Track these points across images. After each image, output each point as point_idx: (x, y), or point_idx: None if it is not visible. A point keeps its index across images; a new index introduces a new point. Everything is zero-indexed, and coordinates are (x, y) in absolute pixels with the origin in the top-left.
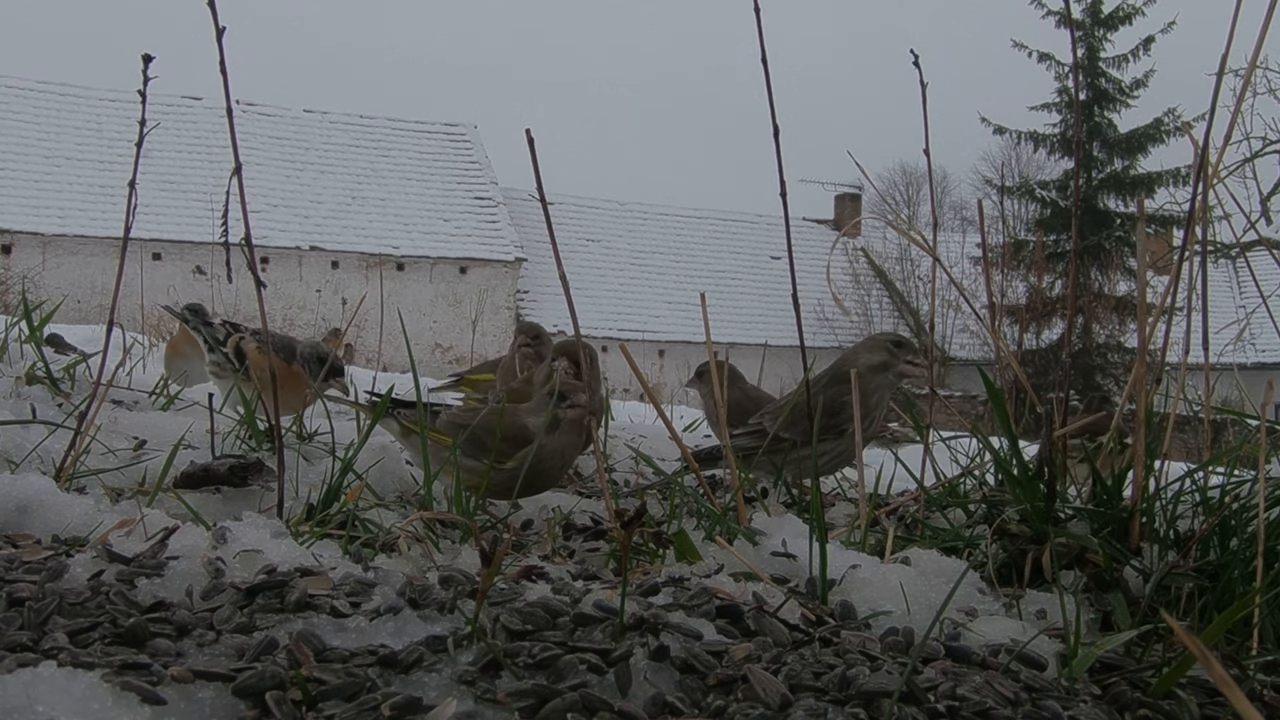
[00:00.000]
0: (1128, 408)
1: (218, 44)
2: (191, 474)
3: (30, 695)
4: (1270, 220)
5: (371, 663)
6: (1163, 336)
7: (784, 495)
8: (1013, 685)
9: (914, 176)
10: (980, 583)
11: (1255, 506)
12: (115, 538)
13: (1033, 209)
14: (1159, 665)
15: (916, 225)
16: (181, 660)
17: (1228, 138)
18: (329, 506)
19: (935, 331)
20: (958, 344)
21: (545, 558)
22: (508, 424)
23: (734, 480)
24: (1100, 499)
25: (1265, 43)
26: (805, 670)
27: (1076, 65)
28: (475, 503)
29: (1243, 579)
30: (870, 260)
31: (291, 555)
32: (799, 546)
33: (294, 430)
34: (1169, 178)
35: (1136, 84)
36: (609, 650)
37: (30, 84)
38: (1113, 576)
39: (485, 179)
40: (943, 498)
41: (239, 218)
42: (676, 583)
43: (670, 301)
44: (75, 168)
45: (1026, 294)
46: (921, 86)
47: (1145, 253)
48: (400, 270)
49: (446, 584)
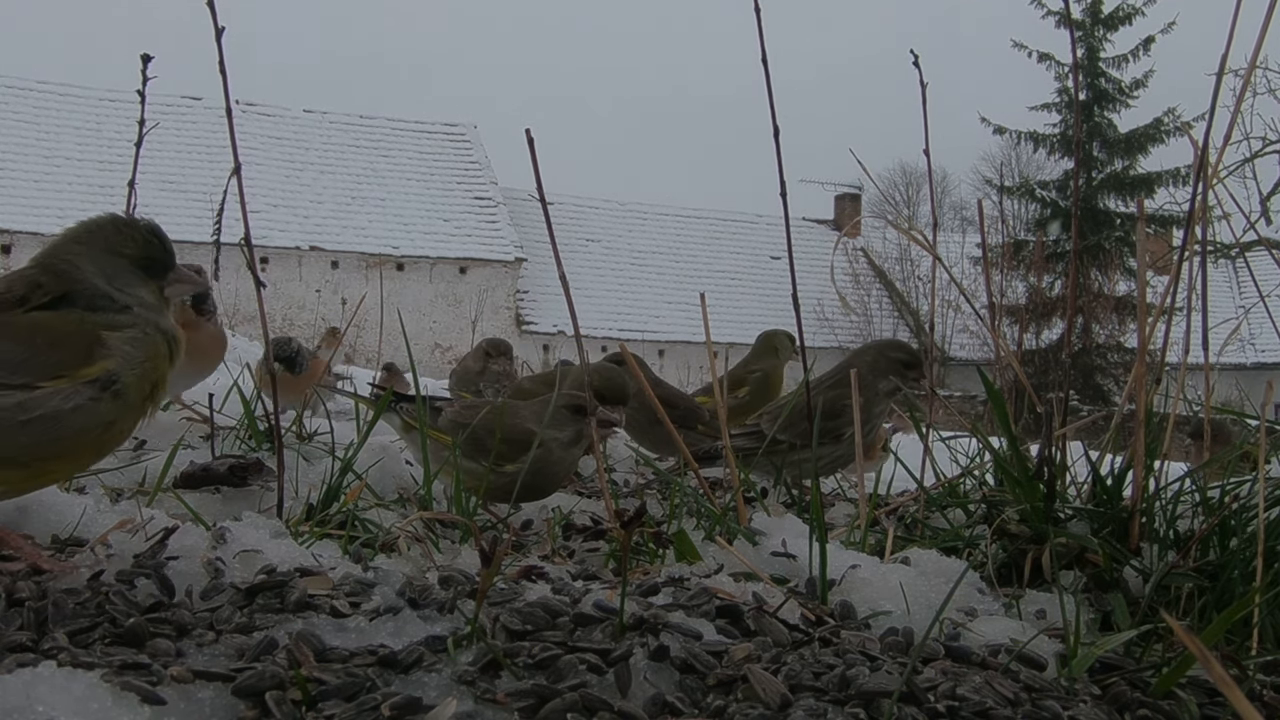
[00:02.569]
0: (1128, 408)
1: (217, 44)
2: (191, 474)
3: (30, 695)
4: (1270, 220)
5: (371, 663)
6: (1163, 336)
7: (784, 495)
8: (1012, 685)
9: (914, 176)
10: (980, 583)
11: (1255, 506)
12: (115, 537)
13: (1033, 209)
14: (1159, 665)
15: (916, 225)
16: (181, 660)
17: (1227, 138)
18: (329, 506)
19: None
20: (958, 344)
21: (545, 558)
22: (509, 425)
23: (734, 480)
24: (1100, 499)
25: (1265, 43)
26: (805, 670)
27: (1076, 65)
28: (475, 503)
29: (1242, 579)
30: (870, 260)
31: (291, 555)
32: (799, 546)
33: (294, 430)
34: (1169, 178)
35: (1136, 84)
36: (609, 650)
37: (30, 84)
38: (1113, 576)
39: (485, 179)
40: (943, 498)
41: (239, 218)
42: (676, 583)
43: (670, 301)
44: (75, 168)
45: (1026, 294)
46: (921, 86)
47: (1145, 253)
48: (400, 270)
49: (446, 584)
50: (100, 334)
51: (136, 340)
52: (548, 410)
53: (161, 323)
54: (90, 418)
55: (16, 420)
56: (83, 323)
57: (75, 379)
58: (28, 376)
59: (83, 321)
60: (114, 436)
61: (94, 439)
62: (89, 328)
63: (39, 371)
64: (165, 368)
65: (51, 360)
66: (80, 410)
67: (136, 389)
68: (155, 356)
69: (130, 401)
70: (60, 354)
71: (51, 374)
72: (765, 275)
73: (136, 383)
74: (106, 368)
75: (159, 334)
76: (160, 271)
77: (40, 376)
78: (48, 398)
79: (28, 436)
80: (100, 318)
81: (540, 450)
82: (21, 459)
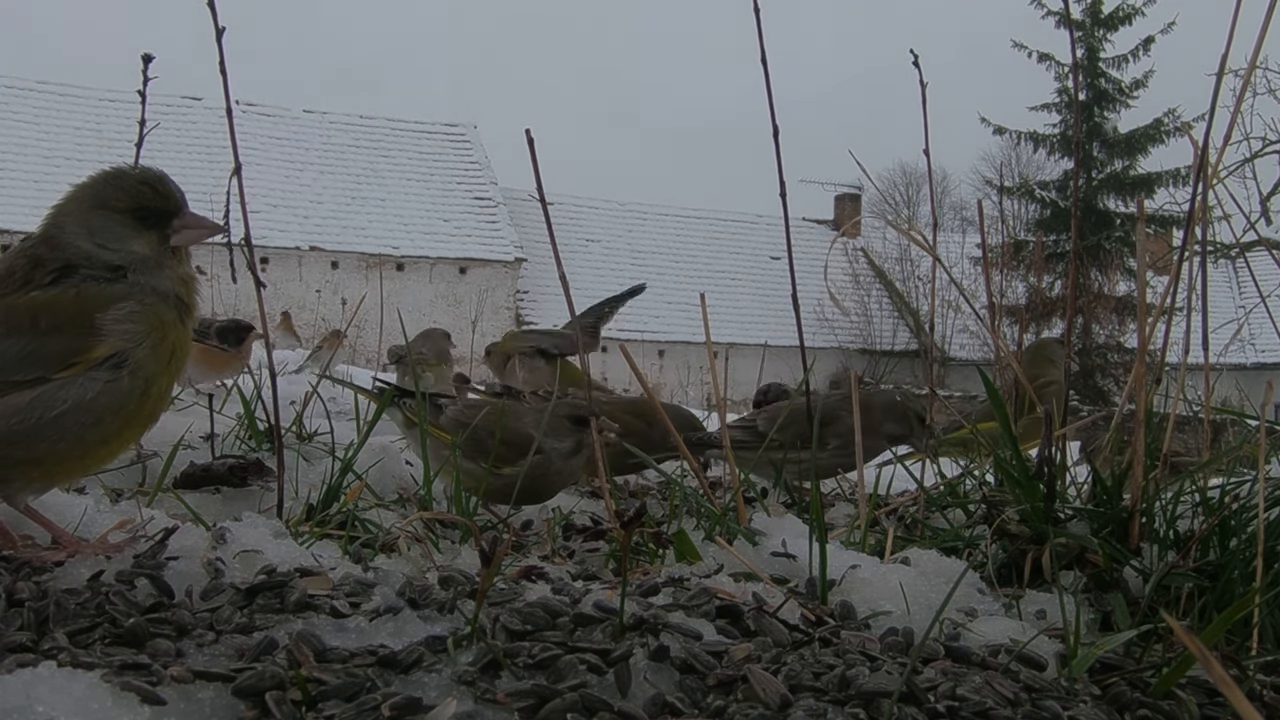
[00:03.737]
0: (1128, 408)
1: (218, 44)
2: (191, 474)
3: (30, 695)
4: (1270, 220)
5: (371, 663)
6: (1163, 336)
7: (784, 495)
8: (1012, 685)
9: (914, 176)
10: (980, 583)
11: (1255, 506)
12: (115, 537)
13: (1033, 209)
14: (1159, 665)
15: (916, 225)
16: (181, 660)
17: (1227, 138)
18: (329, 507)
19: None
20: (958, 344)
21: (545, 558)
22: (509, 427)
23: (734, 480)
24: (1100, 499)
25: (1265, 43)
26: (805, 670)
27: (1076, 65)
28: (475, 503)
29: (1242, 579)
30: (870, 260)
31: (291, 555)
32: (799, 546)
33: (294, 430)
34: (1169, 178)
35: (1136, 84)
36: (609, 650)
37: (30, 84)
38: (1113, 576)
39: (485, 179)
40: (943, 498)
41: (239, 218)
42: (676, 583)
43: (670, 301)
44: (75, 168)
45: (1026, 294)
46: (921, 86)
47: (1145, 253)
48: (400, 270)
49: (446, 584)
50: (93, 317)
51: (135, 314)
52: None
53: (160, 285)
54: (117, 397)
55: (48, 416)
56: (79, 300)
57: (86, 363)
58: (41, 369)
59: (79, 298)
60: (153, 402)
61: (134, 411)
62: (85, 306)
63: (49, 362)
64: (177, 331)
65: (58, 347)
66: (105, 393)
67: (153, 360)
68: (160, 325)
69: (152, 372)
70: (65, 339)
71: (63, 363)
72: (765, 275)
73: (150, 355)
74: (112, 348)
75: (158, 299)
76: (161, 220)
77: (52, 367)
78: (65, 388)
79: (64, 427)
80: (93, 289)
81: (539, 457)
82: (73, 451)
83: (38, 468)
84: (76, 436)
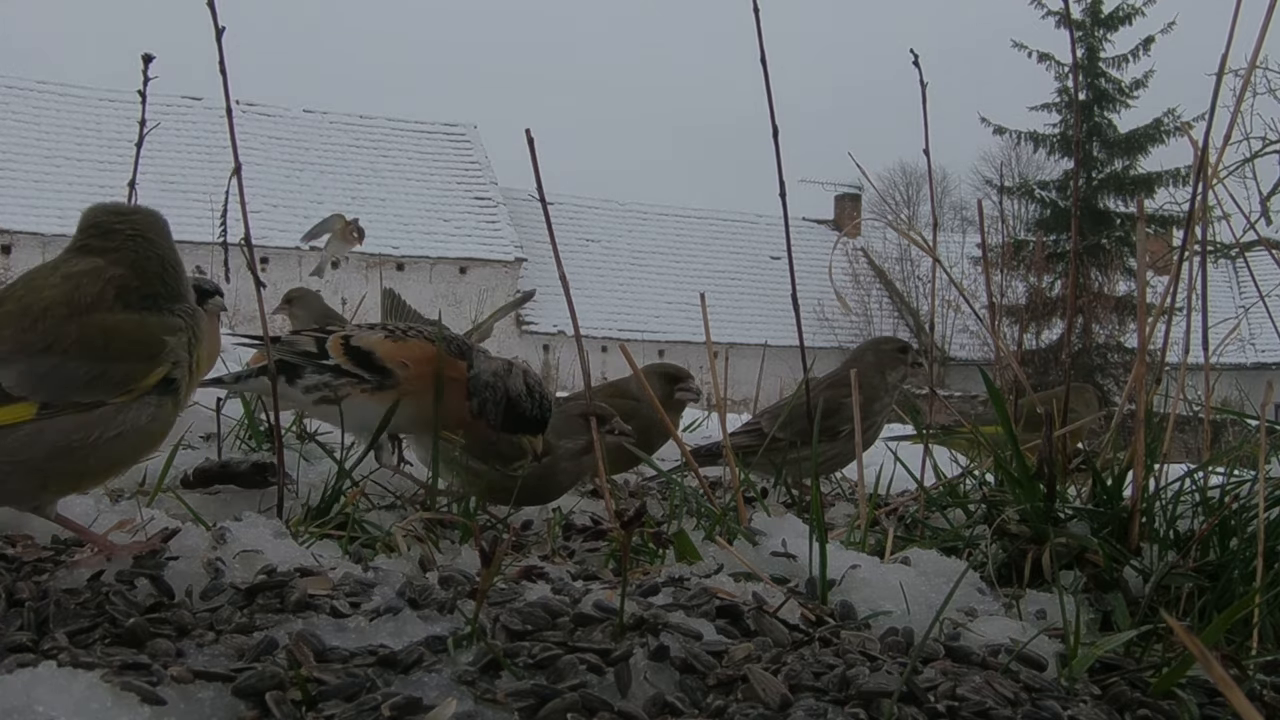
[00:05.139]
0: (1128, 408)
1: (217, 44)
2: (207, 470)
3: (30, 695)
4: (1270, 220)
5: (371, 663)
6: (1163, 336)
7: (784, 495)
8: (1012, 685)
9: (914, 176)
10: (980, 583)
11: (1255, 506)
12: (115, 537)
13: (1033, 209)
14: (1159, 665)
15: (916, 225)
16: (181, 660)
17: (1227, 138)
18: (329, 507)
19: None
20: (958, 344)
21: (545, 558)
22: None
23: (734, 480)
24: (1100, 499)
25: (1265, 43)
26: (805, 670)
27: (1076, 65)
28: (475, 502)
29: (1243, 579)
30: (870, 260)
31: (291, 556)
32: (799, 546)
33: (294, 430)
34: (1169, 178)
35: (1136, 84)
36: (609, 650)
37: (30, 84)
38: (1113, 576)
39: (485, 179)
40: (943, 498)
41: (239, 218)
42: (676, 583)
43: (670, 301)
44: (75, 168)
45: (1026, 294)
46: (921, 86)
47: (1145, 253)
48: (400, 270)
49: (446, 584)
50: (164, 339)
51: (185, 344)
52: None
53: (200, 319)
54: (164, 422)
55: (106, 437)
56: (145, 327)
57: (141, 389)
58: (103, 394)
59: (144, 325)
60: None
61: (160, 439)
62: (153, 332)
63: (108, 388)
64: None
65: (120, 373)
66: (156, 418)
67: (188, 388)
68: (196, 353)
69: (182, 399)
70: (128, 365)
71: (122, 389)
72: (765, 275)
73: (187, 381)
74: (166, 373)
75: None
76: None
77: (111, 393)
78: (122, 412)
79: (117, 449)
80: (158, 319)
81: (547, 457)
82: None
83: (78, 481)
84: (122, 457)
